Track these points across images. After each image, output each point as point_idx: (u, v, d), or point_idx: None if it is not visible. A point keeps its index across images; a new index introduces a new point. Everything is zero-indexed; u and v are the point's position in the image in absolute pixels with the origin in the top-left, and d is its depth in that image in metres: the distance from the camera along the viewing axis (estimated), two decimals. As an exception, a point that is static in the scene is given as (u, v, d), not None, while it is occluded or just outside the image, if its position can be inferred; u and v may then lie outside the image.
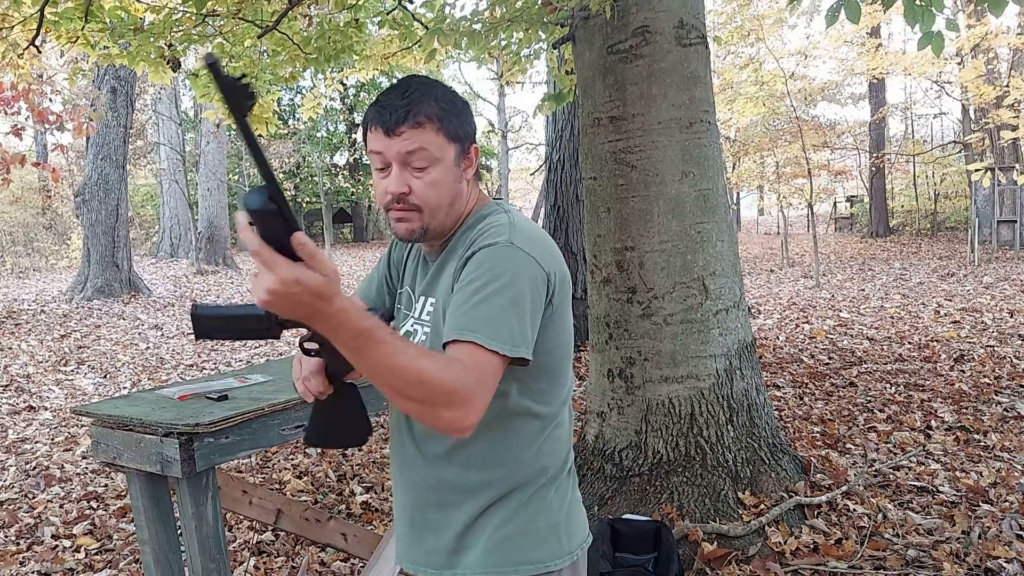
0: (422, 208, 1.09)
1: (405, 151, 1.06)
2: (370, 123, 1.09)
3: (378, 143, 1.07)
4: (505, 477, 1.12)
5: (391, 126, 1.06)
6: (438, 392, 0.91)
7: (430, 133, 1.07)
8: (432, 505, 1.16)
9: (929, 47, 2.44)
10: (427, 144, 1.07)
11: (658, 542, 2.40)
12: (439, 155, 1.08)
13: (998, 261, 11.76)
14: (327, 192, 21.99)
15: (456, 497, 1.14)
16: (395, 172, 1.07)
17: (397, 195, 1.07)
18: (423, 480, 1.16)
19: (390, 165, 1.08)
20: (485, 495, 1.12)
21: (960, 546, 2.57)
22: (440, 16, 3.59)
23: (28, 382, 5.94)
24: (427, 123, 1.06)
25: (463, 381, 0.94)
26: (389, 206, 1.10)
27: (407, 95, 1.07)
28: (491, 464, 1.12)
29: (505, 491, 1.12)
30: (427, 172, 1.08)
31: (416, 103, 1.06)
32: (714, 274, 2.88)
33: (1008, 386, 4.58)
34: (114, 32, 3.65)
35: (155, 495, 2.03)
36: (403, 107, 1.06)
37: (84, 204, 10.70)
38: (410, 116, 1.05)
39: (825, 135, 13.94)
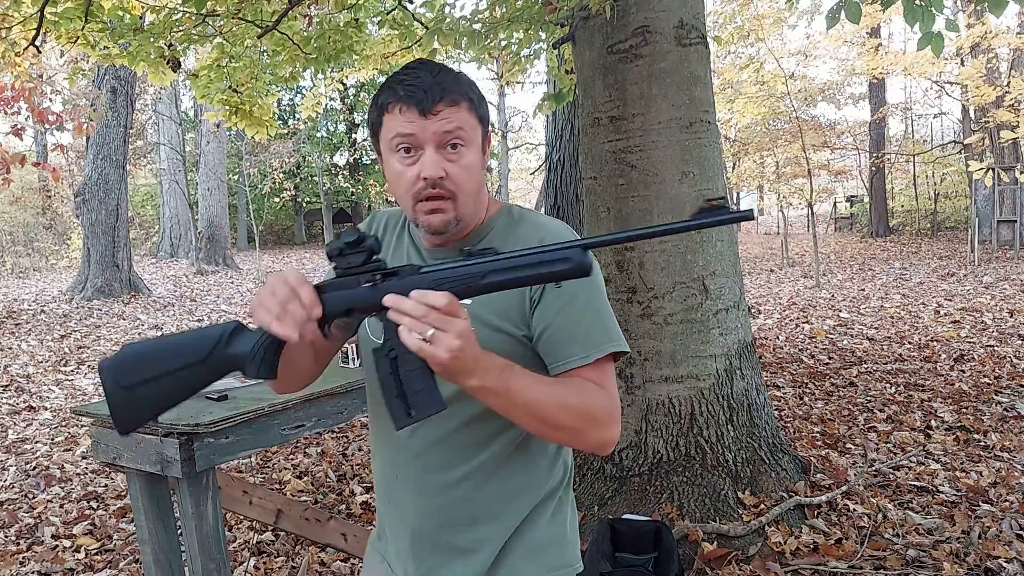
0: (457, 195, 1.00)
1: (443, 131, 0.97)
2: (395, 103, 0.98)
3: (409, 124, 0.97)
4: (536, 488, 1.10)
5: (428, 105, 0.96)
6: (580, 416, 0.96)
7: (464, 112, 1.00)
8: (462, 526, 1.07)
9: (929, 47, 2.45)
10: (463, 124, 0.99)
11: (658, 542, 2.40)
12: (472, 136, 1.01)
13: (998, 261, 11.76)
14: (327, 192, 22.00)
15: (488, 516, 1.07)
16: (430, 155, 0.97)
17: (434, 179, 0.97)
18: (449, 502, 1.07)
19: (420, 148, 0.98)
20: (519, 510, 1.09)
21: (960, 546, 2.57)
22: (440, 16, 3.59)
23: (28, 382, 5.94)
24: (462, 101, 0.99)
25: (605, 402, 0.99)
26: (420, 195, 0.99)
27: (435, 74, 0.99)
28: (522, 477, 1.09)
29: (536, 502, 1.10)
30: (462, 154, 1.00)
31: (448, 81, 0.99)
32: (714, 274, 2.88)
33: (1008, 386, 4.58)
34: (114, 32, 3.65)
35: (155, 495, 2.03)
36: (439, 85, 0.97)
37: (84, 204, 10.70)
38: (448, 93, 0.97)
39: (825, 135, 13.94)
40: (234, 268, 15.99)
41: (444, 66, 1.02)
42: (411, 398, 0.88)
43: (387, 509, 1.15)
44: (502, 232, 1.08)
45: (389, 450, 1.12)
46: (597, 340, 1.01)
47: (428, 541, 1.09)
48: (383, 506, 1.16)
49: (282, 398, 2.02)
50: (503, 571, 1.08)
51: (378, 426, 1.14)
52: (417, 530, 1.09)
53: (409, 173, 0.99)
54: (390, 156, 1.01)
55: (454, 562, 1.08)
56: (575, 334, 1.01)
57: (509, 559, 1.08)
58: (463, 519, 1.07)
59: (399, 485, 1.10)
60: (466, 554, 1.08)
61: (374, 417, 1.16)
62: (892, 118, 20.42)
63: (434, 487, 1.07)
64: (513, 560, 1.08)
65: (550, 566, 1.10)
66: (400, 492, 1.11)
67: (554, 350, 1.02)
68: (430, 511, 1.08)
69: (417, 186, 0.99)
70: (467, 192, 1.02)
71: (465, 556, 1.08)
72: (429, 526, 1.08)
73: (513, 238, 1.06)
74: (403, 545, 1.12)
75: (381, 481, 1.15)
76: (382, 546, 1.19)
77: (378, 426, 1.14)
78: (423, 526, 1.09)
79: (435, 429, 1.02)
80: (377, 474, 1.17)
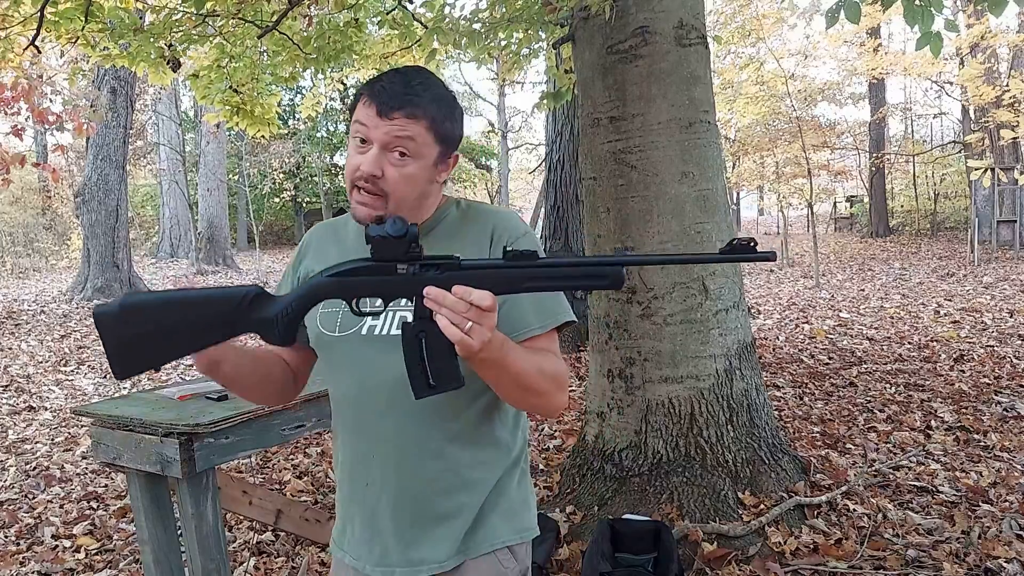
0: (389, 196, 1.07)
1: (393, 135, 1.05)
2: (365, 97, 1.07)
3: (367, 119, 1.06)
4: (505, 454, 1.18)
5: (386, 108, 1.04)
6: (552, 381, 1.06)
7: (421, 127, 1.06)
8: (442, 494, 1.13)
9: (928, 47, 2.45)
10: (416, 136, 1.06)
11: (658, 542, 2.40)
12: (423, 151, 1.08)
13: (998, 261, 11.75)
14: (327, 192, 21.99)
15: (465, 482, 1.14)
16: (373, 152, 1.05)
17: (368, 175, 1.06)
18: (429, 471, 1.13)
19: (370, 143, 1.06)
20: (493, 475, 1.16)
21: (960, 546, 2.57)
22: (440, 16, 3.59)
23: (28, 382, 5.94)
24: (422, 117, 1.06)
25: (562, 367, 1.09)
26: (356, 183, 1.07)
27: (410, 84, 1.06)
28: (492, 445, 1.17)
29: (506, 467, 1.18)
30: (405, 163, 1.07)
31: (417, 94, 1.06)
32: (714, 274, 2.88)
33: (1008, 386, 4.58)
34: (114, 32, 3.65)
35: (155, 495, 2.04)
36: (403, 94, 1.05)
37: (84, 204, 10.70)
38: (408, 104, 1.05)
39: (825, 135, 13.93)
40: (234, 268, 15.99)
41: (428, 81, 1.08)
42: (434, 373, 0.93)
43: (361, 494, 1.17)
44: (454, 224, 1.17)
45: (365, 432, 1.15)
46: (552, 311, 1.12)
47: (409, 512, 1.13)
48: (356, 491, 1.18)
49: (282, 398, 2.02)
50: (482, 531, 1.15)
51: (351, 410, 1.17)
52: (398, 505, 1.14)
53: (354, 160, 1.08)
54: (351, 140, 1.10)
55: (435, 529, 1.13)
56: (533, 305, 1.10)
57: (488, 520, 1.15)
58: (443, 487, 1.13)
59: (377, 463, 1.14)
60: (447, 520, 1.13)
61: (346, 403, 1.18)
62: (892, 118, 20.41)
63: (414, 458, 1.12)
64: (492, 521, 1.15)
65: (520, 528, 1.19)
66: (378, 471, 1.14)
67: (513, 320, 1.08)
68: (412, 483, 1.13)
69: (355, 175, 1.07)
70: (400, 197, 1.08)
71: (446, 522, 1.13)
72: (410, 498, 1.13)
73: (467, 228, 1.15)
74: (382, 524, 1.15)
75: (354, 466, 1.18)
76: (345, 541, 1.21)
77: (351, 410, 1.17)
78: (404, 499, 1.13)
79: (411, 403, 1.05)
80: (347, 461, 1.19)
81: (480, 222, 1.16)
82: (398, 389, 1.04)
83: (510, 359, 0.97)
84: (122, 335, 0.92)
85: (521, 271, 0.91)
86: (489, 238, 1.14)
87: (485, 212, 1.18)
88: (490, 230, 1.14)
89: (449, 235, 1.15)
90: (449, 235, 1.15)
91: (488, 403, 1.14)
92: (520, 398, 1.06)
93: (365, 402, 1.14)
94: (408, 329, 0.93)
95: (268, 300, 0.98)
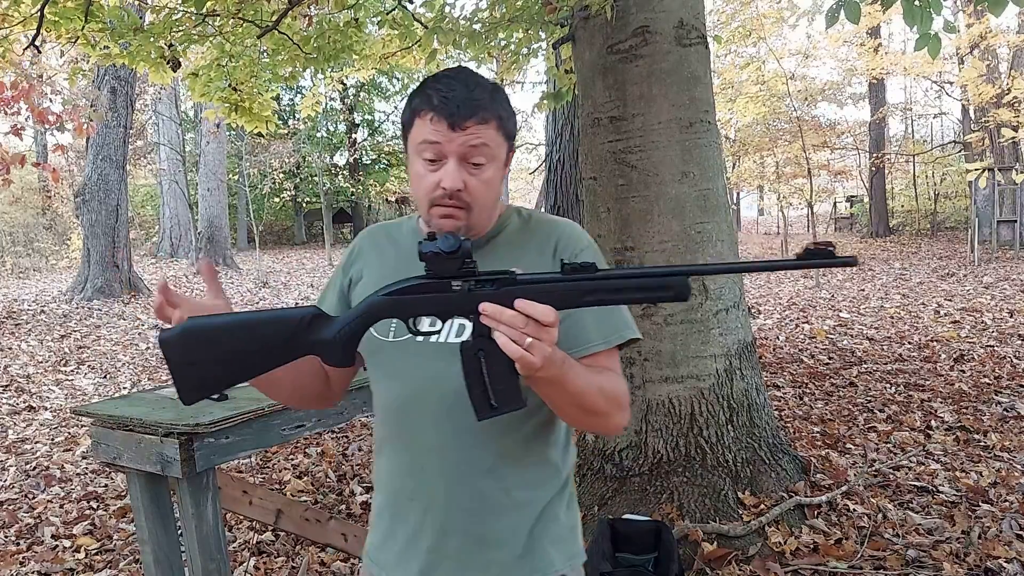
0: (472, 206, 1.05)
1: (469, 145, 1.02)
2: (427, 111, 1.02)
3: (438, 134, 1.02)
4: (555, 476, 1.14)
5: (458, 119, 1.00)
6: (612, 402, 1.02)
7: (492, 130, 1.04)
8: (492, 515, 1.08)
9: (926, 48, 2.45)
10: (489, 141, 1.03)
11: (658, 542, 2.40)
12: (496, 153, 1.06)
13: (998, 261, 11.75)
14: (327, 192, 21.99)
15: (515, 504, 1.09)
16: (452, 167, 1.02)
17: (453, 192, 1.02)
18: (479, 490, 1.08)
19: (444, 158, 1.03)
20: (542, 498, 1.12)
21: (960, 546, 2.57)
22: (440, 16, 3.59)
23: (28, 382, 5.94)
24: (491, 119, 1.03)
25: (622, 386, 1.06)
26: (437, 201, 1.04)
27: (472, 88, 1.02)
28: (543, 465, 1.13)
29: (556, 490, 1.14)
30: (483, 170, 1.04)
31: (481, 97, 1.03)
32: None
33: (1008, 386, 4.58)
34: (114, 32, 3.65)
35: (155, 495, 2.03)
36: (469, 100, 1.01)
37: (84, 204, 10.70)
38: (478, 110, 1.02)
39: (825, 135, 13.94)
40: (234, 268, 15.99)
41: (481, 79, 1.05)
42: (495, 393, 0.90)
43: (406, 508, 1.12)
44: (516, 233, 1.14)
45: (414, 443, 1.11)
46: (615, 327, 1.09)
47: (459, 533, 1.09)
48: (400, 505, 1.13)
49: (282, 398, 2.02)
50: (534, 558, 1.10)
51: (401, 419, 1.12)
52: (446, 523, 1.09)
53: (430, 179, 1.04)
54: (415, 158, 1.05)
55: (485, 553, 1.09)
56: (595, 321, 1.07)
57: (540, 546, 1.10)
58: (493, 508, 1.08)
59: (426, 480, 1.10)
60: (496, 544, 1.09)
61: (395, 411, 1.13)
62: (892, 118, 20.42)
63: (465, 476, 1.08)
64: (544, 547, 1.11)
65: (570, 553, 1.14)
66: (427, 487, 1.10)
67: (574, 336, 1.05)
68: (461, 502, 1.08)
69: (435, 193, 1.03)
70: (482, 205, 1.06)
71: (496, 546, 1.09)
72: (459, 517, 1.08)
73: (529, 237, 1.13)
74: (428, 543, 1.10)
75: (399, 478, 1.13)
76: (385, 555, 1.15)
77: (401, 419, 1.12)
78: (453, 518, 1.09)
79: (466, 417, 1.02)
80: (392, 472, 1.14)
81: (543, 232, 1.14)
82: (454, 401, 1.00)
83: (570, 377, 0.94)
84: (186, 360, 0.92)
85: (580, 284, 0.88)
86: (552, 248, 1.11)
87: (548, 222, 1.16)
88: (554, 240, 1.12)
89: (512, 244, 1.13)
90: (512, 244, 1.13)
91: (542, 421, 1.10)
92: (578, 417, 1.03)
93: (416, 412, 1.09)
94: (467, 348, 0.90)
95: (326, 321, 0.97)
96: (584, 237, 1.14)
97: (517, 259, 1.08)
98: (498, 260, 1.10)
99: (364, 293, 1.14)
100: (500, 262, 1.08)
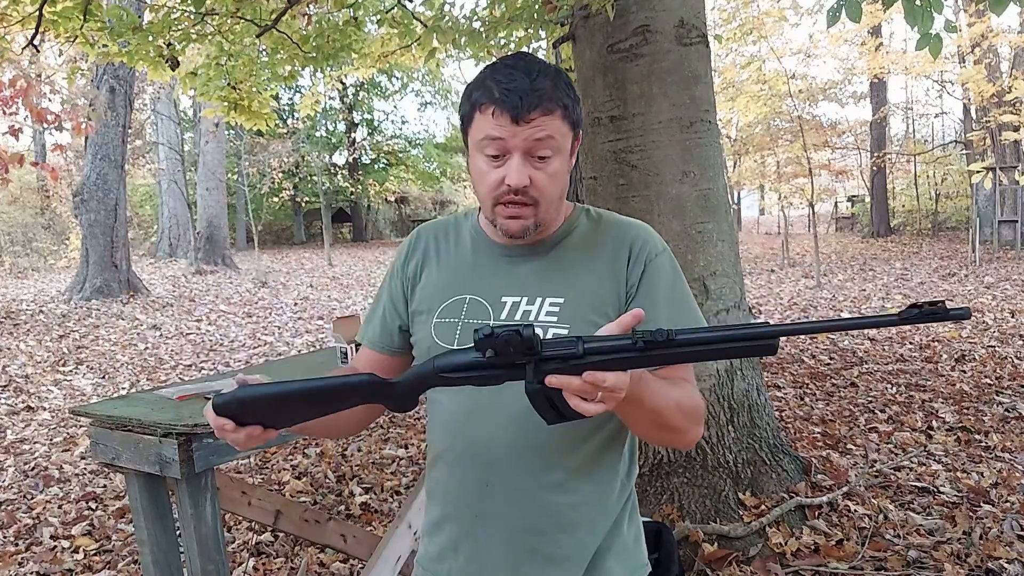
0: (539, 202, 1.00)
1: (534, 139, 0.96)
2: (488, 105, 0.96)
3: (500, 129, 0.96)
4: (623, 489, 1.10)
5: (521, 112, 0.95)
6: (689, 417, 0.98)
7: (558, 120, 0.98)
8: (558, 532, 1.04)
9: (927, 48, 2.44)
10: (555, 133, 0.98)
11: (658, 543, 2.38)
12: (562, 144, 1.00)
13: (999, 261, 11.75)
14: (326, 192, 21.98)
15: (584, 520, 1.05)
16: (517, 162, 0.97)
17: (519, 188, 0.97)
18: (546, 506, 1.04)
19: (508, 154, 0.97)
20: (611, 513, 1.08)
21: (961, 547, 2.56)
22: (439, 15, 3.57)
23: (27, 382, 5.93)
24: (556, 108, 0.97)
25: (698, 399, 1.02)
26: (501, 199, 0.99)
27: (534, 77, 0.96)
28: (611, 478, 1.09)
29: (623, 503, 1.10)
30: (549, 163, 0.99)
31: (543, 86, 0.96)
32: (715, 274, 2.87)
33: (1009, 386, 4.58)
34: (113, 31, 3.64)
35: (154, 496, 2.02)
36: (532, 91, 0.95)
37: (83, 204, 10.69)
38: (542, 100, 0.96)
39: (826, 134, 13.92)
40: (233, 268, 15.98)
41: (543, 65, 0.99)
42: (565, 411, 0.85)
43: (469, 524, 1.08)
44: (588, 234, 1.10)
45: (478, 459, 1.05)
46: None
47: (525, 550, 1.04)
48: (463, 522, 1.08)
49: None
50: (596, 573, 1.06)
51: (462, 433, 1.07)
52: (513, 541, 1.05)
53: (493, 176, 0.99)
54: (476, 154, 1.01)
55: (548, 570, 1.04)
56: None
57: (605, 563, 1.06)
58: (562, 525, 1.04)
59: (491, 494, 1.05)
60: (562, 562, 1.05)
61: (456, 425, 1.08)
62: (893, 118, 20.42)
63: (534, 492, 1.03)
64: (609, 563, 1.07)
65: (634, 565, 1.11)
66: (492, 502, 1.05)
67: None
68: (529, 519, 1.04)
69: (499, 190, 0.99)
70: (549, 199, 1.02)
71: (560, 564, 1.05)
72: (527, 535, 1.04)
73: (603, 239, 1.09)
74: (493, 560, 1.06)
75: (463, 495, 1.08)
76: (443, 568, 1.11)
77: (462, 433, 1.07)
78: (518, 535, 1.04)
79: (533, 433, 0.99)
80: (453, 489, 1.09)
81: (616, 235, 1.09)
82: (521, 416, 0.95)
83: (647, 396, 0.88)
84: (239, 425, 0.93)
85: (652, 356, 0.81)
86: (627, 254, 1.07)
87: (621, 223, 1.11)
88: (628, 244, 1.07)
89: (584, 247, 1.08)
90: (584, 247, 1.08)
91: (611, 434, 1.07)
92: (654, 434, 1.00)
93: (483, 425, 1.03)
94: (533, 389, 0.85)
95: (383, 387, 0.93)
96: (659, 243, 1.09)
97: (590, 263, 1.07)
98: (570, 263, 1.07)
99: (426, 297, 1.11)
100: (572, 265, 1.07)
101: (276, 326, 8.57)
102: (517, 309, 1.05)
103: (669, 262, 1.09)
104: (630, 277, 1.06)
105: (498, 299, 1.07)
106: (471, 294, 1.08)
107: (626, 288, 1.05)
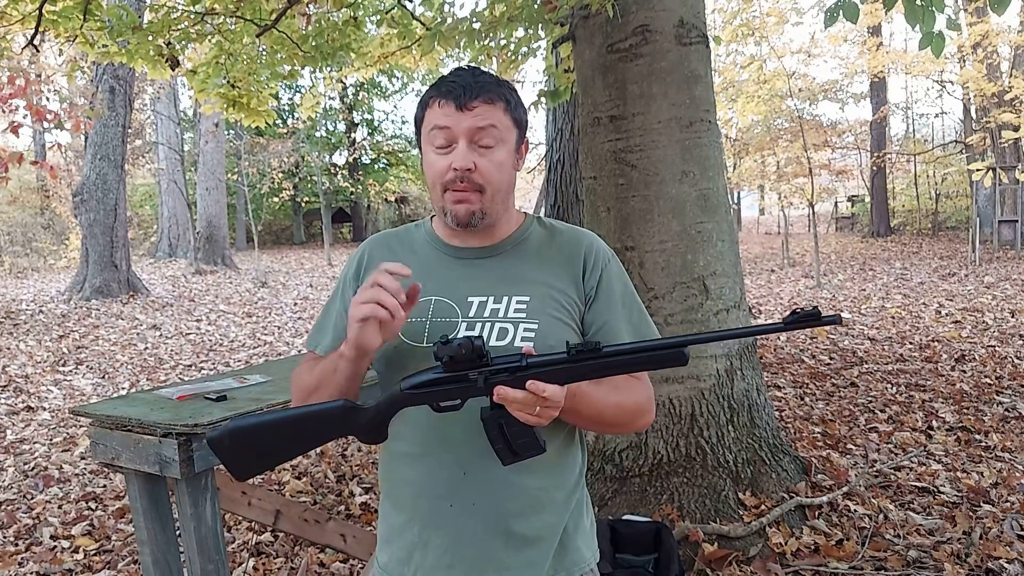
0: (484, 188, 1.07)
1: (476, 126, 1.05)
2: (436, 98, 1.07)
3: (447, 118, 1.06)
4: (580, 475, 1.18)
5: (464, 100, 1.05)
6: (631, 413, 1.10)
7: (500, 112, 1.07)
8: (532, 515, 1.09)
9: (929, 47, 2.43)
10: (497, 123, 1.07)
11: (658, 543, 2.39)
12: (505, 136, 1.09)
13: (999, 261, 11.75)
14: (326, 192, 21.98)
15: (552, 503, 1.11)
16: (462, 148, 1.05)
17: (462, 171, 1.05)
18: (519, 492, 1.08)
19: (454, 143, 1.06)
20: (573, 496, 1.15)
21: (961, 547, 2.56)
22: (439, 15, 3.57)
23: (26, 382, 5.93)
24: (499, 100, 1.07)
25: (645, 392, 1.12)
26: (449, 185, 1.07)
27: (476, 75, 1.08)
28: (572, 465, 1.17)
29: (581, 488, 1.18)
30: (493, 151, 1.07)
31: (488, 82, 1.07)
32: (715, 274, 2.87)
33: (1009, 386, 4.58)
34: (113, 30, 3.64)
35: (154, 496, 2.02)
36: (477, 84, 1.06)
37: (82, 204, 10.69)
38: (484, 91, 1.06)
39: (826, 134, 13.92)
40: (233, 268, 15.97)
41: (489, 73, 1.11)
42: (516, 445, 1.00)
43: (444, 516, 1.10)
44: (542, 242, 1.18)
45: (452, 451, 1.08)
46: (642, 333, 1.15)
47: (501, 534, 1.08)
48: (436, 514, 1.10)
49: (280, 398, 2.01)
50: (570, 554, 1.14)
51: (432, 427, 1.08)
52: (490, 526, 1.08)
53: (441, 163, 1.07)
54: (428, 147, 1.09)
55: (526, 551, 1.10)
56: (627, 327, 1.14)
57: (573, 542, 1.15)
58: (533, 508, 1.10)
59: (468, 481, 1.08)
60: (535, 542, 1.11)
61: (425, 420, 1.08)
62: (893, 117, 20.43)
63: (507, 476, 1.07)
64: (577, 543, 1.15)
65: (592, 549, 1.19)
66: (469, 488, 1.08)
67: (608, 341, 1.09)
68: (503, 504, 1.08)
69: (447, 176, 1.07)
70: (495, 187, 1.09)
71: (534, 544, 1.10)
72: (501, 519, 1.08)
73: (556, 249, 1.17)
74: (470, 549, 1.08)
75: (433, 486, 1.10)
76: (413, 568, 1.12)
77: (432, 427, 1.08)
78: (495, 521, 1.08)
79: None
80: (421, 482, 1.11)
81: (570, 245, 1.17)
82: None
83: (583, 407, 1.02)
84: (234, 454, 1.04)
85: (591, 364, 0.96)
86: (583, 258, 1.16)
87: (574, 231, 1.20)
88: (583, 251, 1.16)
89: (539, 254, 1.16)
90: (539, 254, 1.16)
91: (572, 427, 1.16)
92: (599, 430, 1.11)
93: (452, 420, 1.04)
94: (487, 417, 1.00)
95: (356, 412, 1.04)
96: (607, 250, 1.20)
97: (548, 266, 1.15)
98: (529, 266, 1.15)
99: None
100: (531, 268, 1.15)
101: (276, 326, 8.58)
102: (485, 307, 1.11)
103: (618, 267, 1.20)
104: (588, 281, 1.15)
105: (464, 299, 1.12)
106: (436, 295, 1.12)
107: (585, 291, 1.15)
